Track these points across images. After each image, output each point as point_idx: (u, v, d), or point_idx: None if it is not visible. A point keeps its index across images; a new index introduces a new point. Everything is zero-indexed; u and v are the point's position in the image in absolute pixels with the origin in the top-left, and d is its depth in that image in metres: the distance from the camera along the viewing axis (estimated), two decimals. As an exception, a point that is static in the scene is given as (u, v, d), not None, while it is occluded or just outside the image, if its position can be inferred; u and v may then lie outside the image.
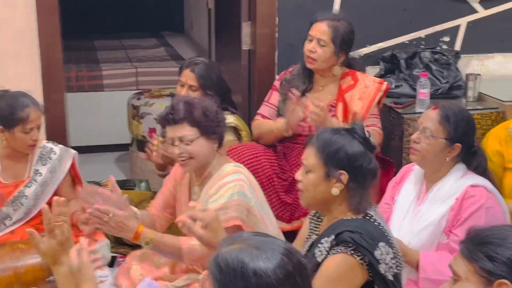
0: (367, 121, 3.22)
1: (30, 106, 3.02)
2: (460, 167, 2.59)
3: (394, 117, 3.56)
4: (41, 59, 3.55)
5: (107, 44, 7.11)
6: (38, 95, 3.39)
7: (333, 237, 2.02)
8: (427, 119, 2.59)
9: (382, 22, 3.87)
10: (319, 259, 2.04)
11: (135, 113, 4.65)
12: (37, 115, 3.04)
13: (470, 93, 3.71)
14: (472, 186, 2.52)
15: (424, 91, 3.52)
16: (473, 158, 2.59)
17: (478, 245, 1.59)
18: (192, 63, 3.29)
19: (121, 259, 3.36)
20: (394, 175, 2.99)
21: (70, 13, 5.00)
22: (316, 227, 2.25)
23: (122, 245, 3.47)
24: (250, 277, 1.40)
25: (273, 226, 2.66)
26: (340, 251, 1.99)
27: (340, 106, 3.24)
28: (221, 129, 2.61)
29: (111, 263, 3.28)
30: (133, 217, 2.42)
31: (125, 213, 2.39)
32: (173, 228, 3.31)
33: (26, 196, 3.09)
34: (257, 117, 3.40)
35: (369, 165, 2.09)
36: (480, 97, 3.72)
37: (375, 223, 2.08)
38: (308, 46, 3.22)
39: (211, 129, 2.57)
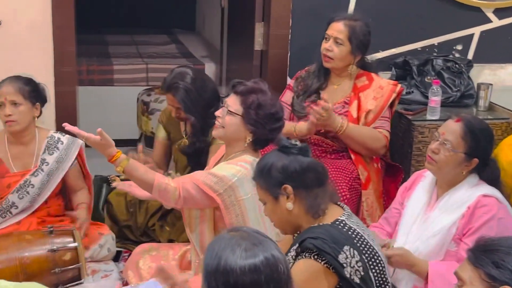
0: (376, 122, 3.23)
1: (6, 81, 3.06)
2: (473, 177, 2.57)
3: (404, 123, 3.55)
4: (54, 52, 3.56)
5: (119, 39, 7.12)
6: (50, 87, 3.41)
7: (297, 245, 2.05)
8: (449, 132, 2.54)
9: (396, 28, 3.86)
10: None
11: (145, 109, 4.65)
12: (8, 89, 3.04)
13: (481, 103, 3.71)
14: (484, 195, 2.50)
15: (435, 99, 3.51)
16: (487, 170, 2.57)
17: (485, 252, 1.61)
18: (172, 87, 3.21)
19: (125, 254, 3.36)
20: (402, 181, 2.98)
21: (82, 7, 4.99)
22: None
23: (127, 240, 3.48)
24: (226, 271, 1.50)
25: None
26: (304, 257, 2.01)
27: (354, 103, 3.25)
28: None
29: (116, 258, 3.29)
30: (111, 145, 2.50)
31: (100, 140, 2.49)
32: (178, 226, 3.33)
33: (32, 184, 3.10)
34: None
35: (303, 165, 2.11)
36: (491, 107, 3.71)
37: (344, 229, 2.07)
38: (325, 45, 3.25)
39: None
